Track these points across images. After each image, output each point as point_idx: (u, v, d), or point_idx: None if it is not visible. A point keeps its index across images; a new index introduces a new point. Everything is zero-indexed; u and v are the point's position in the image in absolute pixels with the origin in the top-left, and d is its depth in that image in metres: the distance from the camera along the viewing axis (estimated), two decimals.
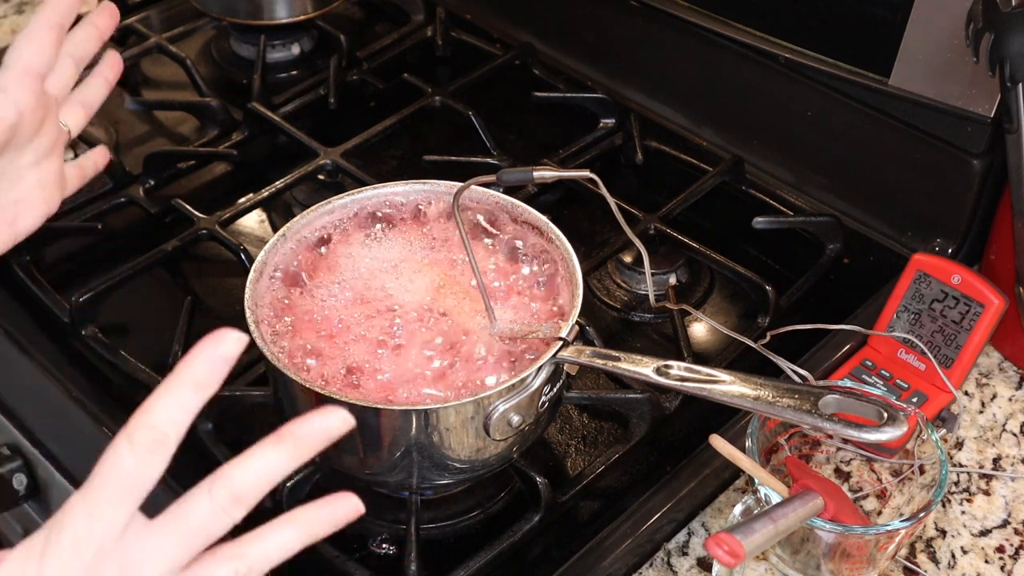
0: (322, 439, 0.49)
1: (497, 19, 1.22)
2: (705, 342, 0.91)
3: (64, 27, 0.70)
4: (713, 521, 0.78)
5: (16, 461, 0.85)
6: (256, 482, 0.48)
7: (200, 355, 0.47)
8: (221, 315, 0.93)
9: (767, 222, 0.98)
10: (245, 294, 0.71)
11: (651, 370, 0.68)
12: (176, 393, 0.47)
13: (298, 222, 0.77)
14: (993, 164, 0.90)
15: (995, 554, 0.76)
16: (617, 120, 1.09)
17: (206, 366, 0.47)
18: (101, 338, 0.87)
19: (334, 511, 0.50)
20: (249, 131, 1.07)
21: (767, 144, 1.04)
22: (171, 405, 0.47)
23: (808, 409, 0.63)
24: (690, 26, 1.04)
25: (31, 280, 0.91)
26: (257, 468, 0.48)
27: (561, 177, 0.77)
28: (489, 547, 0.73)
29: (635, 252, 0.94)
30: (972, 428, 0.84)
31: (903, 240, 0.97)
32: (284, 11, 1.17)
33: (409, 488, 0.74)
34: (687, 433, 0.82)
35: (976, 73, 0.85)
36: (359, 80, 1.14)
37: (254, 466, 0.48)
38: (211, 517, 0.48)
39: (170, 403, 0.47)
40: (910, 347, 0.85)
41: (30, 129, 0.69)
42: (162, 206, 0.99)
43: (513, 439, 0.70)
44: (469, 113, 1.06)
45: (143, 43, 1.17)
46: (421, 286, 0.75)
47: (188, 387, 0.47)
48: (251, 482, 0.48)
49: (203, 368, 0.47)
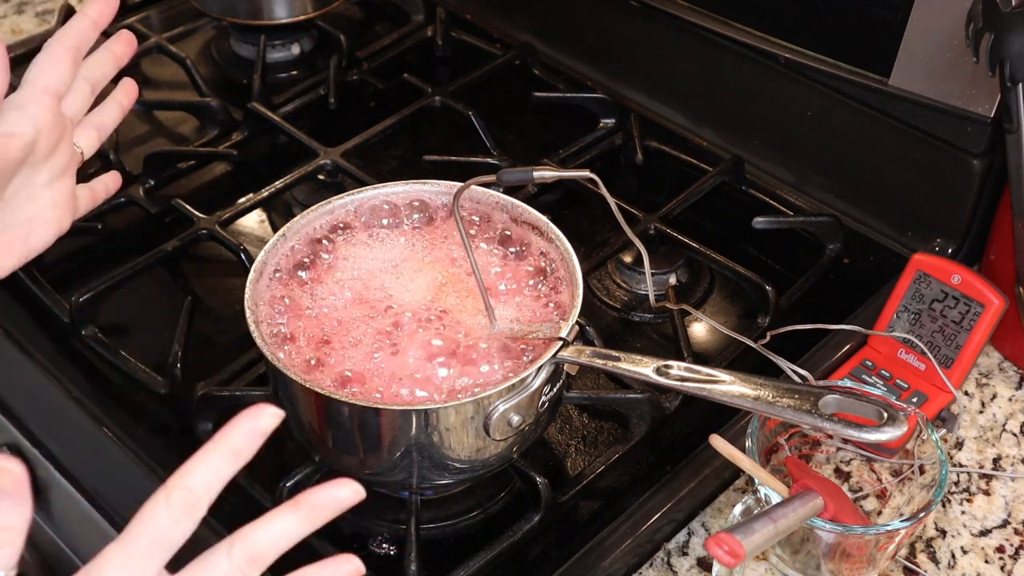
0: (336, 508, 0.52)
1: (497, 19, 1.22)
2: (705, 342, 0.91)
3: (82, 50, 0.72)
4: (713, 521, 0.78)
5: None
6: (273, 544, 0.51)
7: (239, 426, 0.51)
8: (221, 315, 0.93)
9: (767, 222, 0.98)
10: (245, 294, 0.71)
11: (651, 370, 0.68)
12: (214, 459, 0.50)
13: (298, 222, 0.77)
14: (993, 164, 0.90)
15: (995, 554, 0.76)
16: (617, 120, 1.09)
17: (243, 437, 0.50)
18: (101, 338, 0.87)
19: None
20: (249, 131, 1.07)
21: (767, 144, 1.04)
22: (208, 470, 0.50)
23: (808, 409, 0.63)
24: (690, 26, 1.04)
25: (31, 280, 0.91)
26: (275, 531, 0.51)
27: (561, 177, 0.77)
28: (489, 547, 0.73)
29: (635, 252, 0.94)
30: (972, 428, 0.84)
31: (903, 240, 0.97)
32: (284, 11, 1.17)
33: (409, 488, 0.74)
34: (687, 433, 0.82)
35: (976, 73, 0.85)
36: (359, 80, 1.14)
37: (272, 529, 0.51)
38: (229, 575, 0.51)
39: (207, 468, 0.50)
40: (910, 347, 0.85)
41: (47, 147, 0.70)
42: (162, 206, 0.99)
43: (513, 439, 0.70)
44: (469, 113, 1.06)
45: (143, 43, 1.17)
46: (421, 286, 0.75)
47: (226, 455, 0.50)
48: (269, 543, 0.51)
49: (240, 438, 0.50)
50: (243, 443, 0.50)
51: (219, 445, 0.50)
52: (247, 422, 0.51)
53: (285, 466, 0.77)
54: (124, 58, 0.78)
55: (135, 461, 0.79)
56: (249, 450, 0.51)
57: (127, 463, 0.79)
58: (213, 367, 0.83)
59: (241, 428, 0.50)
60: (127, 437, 0.81)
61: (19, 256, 0.73)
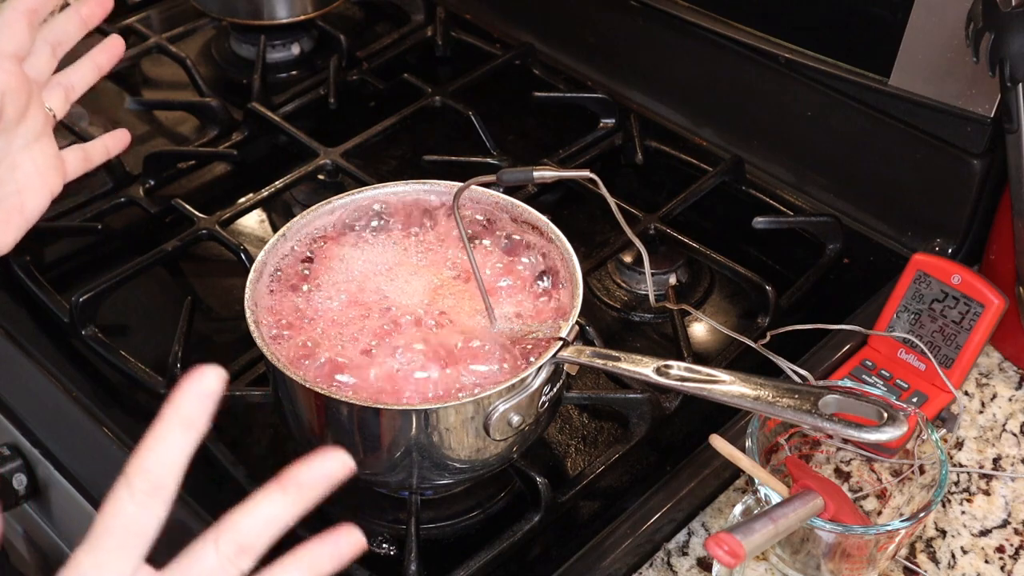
0: (325, 484, 0.49)
1: (497, 19, 1.22)
2: (705, 342, 0.91)
3: (38, 13, 0.70)
4: (713, 521, 0.78)
5: (16, 461, 0.85)
6: (262, 531, 0.48)
7: (183, 394, 0.48)
8: (221, 315, 0.93)
9: (767, 222, 0.98)
10: (245, 294, 0.71)
11: (651, 370, 0.68)
12: (168, 435, 0.47)
13: (298, 222, 0.77)
14: (993, 164, 0.90)
15: (995, 554, 0.76)
16: (617, 120, 1.09)
17: (191, 404, 0.48)
18: (101, 338, 0.87)
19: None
20: (249, 131, 1.07)
21: (767, 144, 1.04)
22: (164, 448, 0.47)
23: (808, 409, 0.63)
24: (690, 26, 1.04)
25: (31, 280, 0.91)
26: (262, 516, 0.48)
27: (561, 177, 0.77)
28: (489, 547, 0.73)
29: (635, 252, 0.94)
30: (972, 428, 0.84)
31: (903, 240, 0.97)
32: (284, 11, 1.17)
33: (409, 488, 0.74)
34: (687, 433, 0.82)
35: (976, 73, 0.85)
36: (359, 80, 1.14)
37: (259, 515, 0.48)
38: (218, 569, 0.48)
39: (163, 446, 0.47)
40: (910, 347, 0.85)
41: (16, 111, 0.69)
42: (162, 206, 0.99)
43: (513, 439, 0.70)
44: (469, 113, 1.06)
45: (143, 43, 1.17)
46: (420, 286, 0.75)
47: (177, 428, 0.48)
48: (257, 531, 0.48)
49: (189, 407, 0.48)
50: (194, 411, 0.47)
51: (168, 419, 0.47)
52: (191, 387, 0.47)
53: (285, 466, 0.77)
54: (93, 20, 0.75)
55: None
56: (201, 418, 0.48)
57: (127, 463, 0.79)
58: None
59: (187, 396, 0.47)
60: (127, 437, 0.81)
61: (18, 228, 0.72)
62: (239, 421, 0.83)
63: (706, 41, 1.04)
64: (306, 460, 0.49)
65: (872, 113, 0.95)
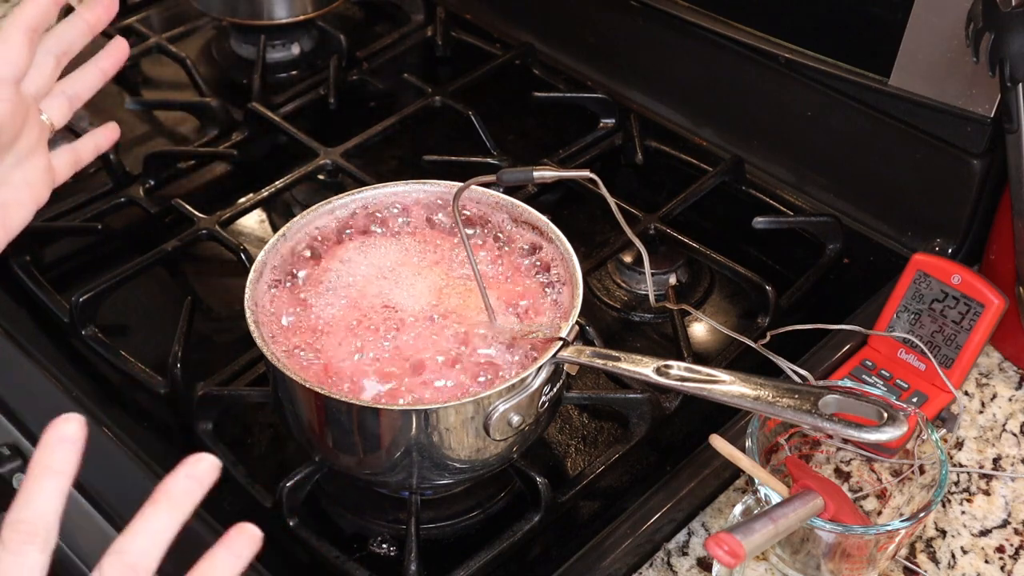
0: (197, 489, 0.50)
1: (497, 19, 1.22)
2: (705, 342, 0.91)
3: (39, 30, 0.69)
4: (713, 521, 0.78)
5: (16, 461, 0.85)
6: (148, 549, 0.49)
7: (47, 445, 0.49)
8: (221, 315, 0.93)
9: (767, 222, 0.98)
10: (245, 294, 0.71)
11: (651, 370, 0.68)
12: (38, 485, 0.49)
13: (298, 222, 0.77)
14: (993, 164, 0.90)
15: (995, 554, 0.76)
16: (617, 120, 1.09)
17: (57, 453, 0.49)
18: (101, 338, 0.87)
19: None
20: (249, 131, 1.07)
21: (767, 144, 1.04)
22: (36, 497, 0.49)
23: (808, 409, 0.63)
24: (690, 26, 1.04)
25: (31, 280, 0.91)
26: (147, 536, 0.49)
27: (561, 177, 0.77)
28: (489, 547, 0.73)
29: (635, 252, 0.94)
30: (972, 428, 0.84)
31: (903, 240, 0.97)
32: (284, 11, 1.17)
33: (409, 488, 0.74)
34: (687, 433, 0.82)
35: (976, 73, 0.85)
36: (359, 80, 1.14)
37: (141, 534, 0.49)
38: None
39: (35, 495, 0.49)
40: (910, 347, 0.85)
41: (9, 135, 0.69)
42: (162, 206, 0.99)
43: (513, 439, 0.70)
44: (469, 113, 1.06)
45: (143, 43, 1.17)
46: (422, 286, 0.75)
47: (46, 477, 0.49)
48: (143, 550, 0.49)
49: (54, 456, 0.49)
50: (61, 459, 0.49)
51: (37, 470, 0.49)
52: (53, 435, 0.49)
53: (285, 466, 0.77)
54: (98, 26, 0.74)
55: (135, 461, 0.79)
56: (69, 464, 0.49)
57: (127, 463, 0.79)
58: (213, 367, 0.83)
59: (51, 445, 0.49)
60: (127, 437, 0.81)
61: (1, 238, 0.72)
62: (239, 421, 0.83)
63: (706, 41, 1.04)
64: (174, 470, 0.50)
65: (872, 113, 0.95)
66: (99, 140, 0.79)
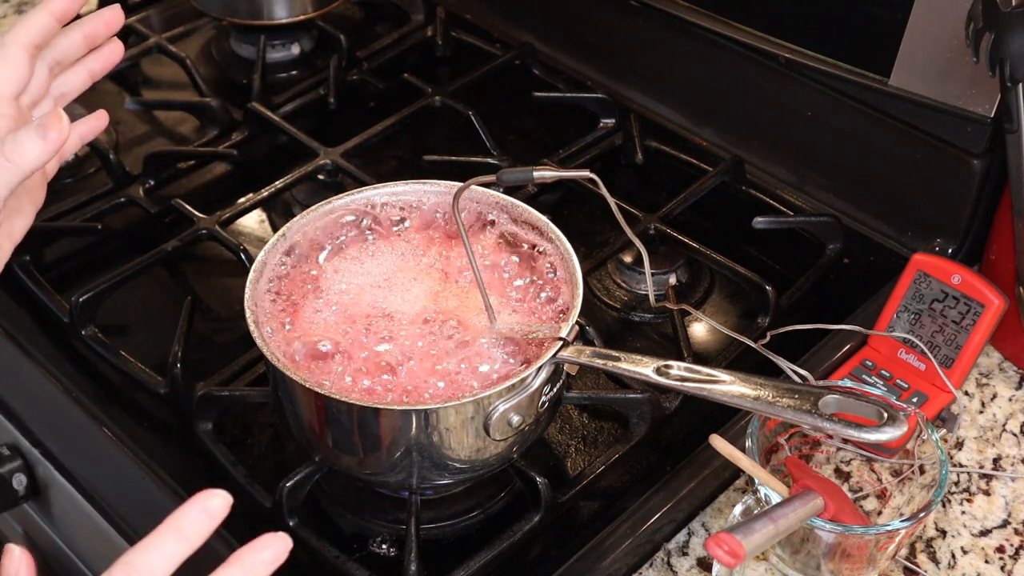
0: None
1: (497, 19, 1.22)
2: (705, 342, 0.91)
3: (39, 45, 0.70)
4: (713, 521, 0.78)
5: (16, 461, 0.85)
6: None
7: (189, 509, 0.51)
8: (221, 315, 0.93)
9: (767, 222, 0.98)
10: (245, 294, 0.71)
11: (651, 370, 0.68)
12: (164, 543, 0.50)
13: (298, 222, 0.77)
14: (993, 164, 0.90)
15: (995, 554, 0.76)
16: (617, 120, 1.09)
17: (193, 520, 0.51)
18: (101, 338, 0.87)
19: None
20: (249, 131, 1.07)
21: (767, 144, 1.04)
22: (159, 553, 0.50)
23: (808, 409, 0.63)
24: (690, 26, 1.04)
25: (31, 280, 0.91)
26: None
27: (561, 177, 0.77)
28: (489, 547, 0.73)
29: (635, 252, 0.94)
30: (972, 428, 0.84)
31: (903, 240, 0.97)
32: (284, 11, 1.17)
33: (409, 488, 0.74)
34: (687, 433, 0.82)
35: (976, 73, 0.85)
36: (359, 80, 1.14)
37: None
38: None
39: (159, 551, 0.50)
40: (910, 347, 0.85)
41: None
42: (162, 206, 0.99)
43: (513, 439, 0.70)
44: (469, 113, 1.06)
45: (143, 43, 1.17)
46: (420, 287, 0.75)
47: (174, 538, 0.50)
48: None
49: (190, 522, 0.51)
50: (192, 527, 0.50)
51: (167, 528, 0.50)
52: (197, 504, 0.51)
53: (285, 466, 0.77)
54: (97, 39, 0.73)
55: (135, 461, 0.79)
56: (202, 535, 0.50)
57: (127, 463, 0.79)
58: (213, 367, 0.83)
59: (192, 511, 0.50)
60: (127, 437, 0.81)
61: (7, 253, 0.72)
62: (239, 421, 0.83)
63: (706, 41, 1.04)
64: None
65: (872, 113, 0.95)
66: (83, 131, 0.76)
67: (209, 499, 0.51)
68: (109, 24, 0.73)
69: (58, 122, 0.63)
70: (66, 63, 0.73)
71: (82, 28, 0.73)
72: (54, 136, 0.62)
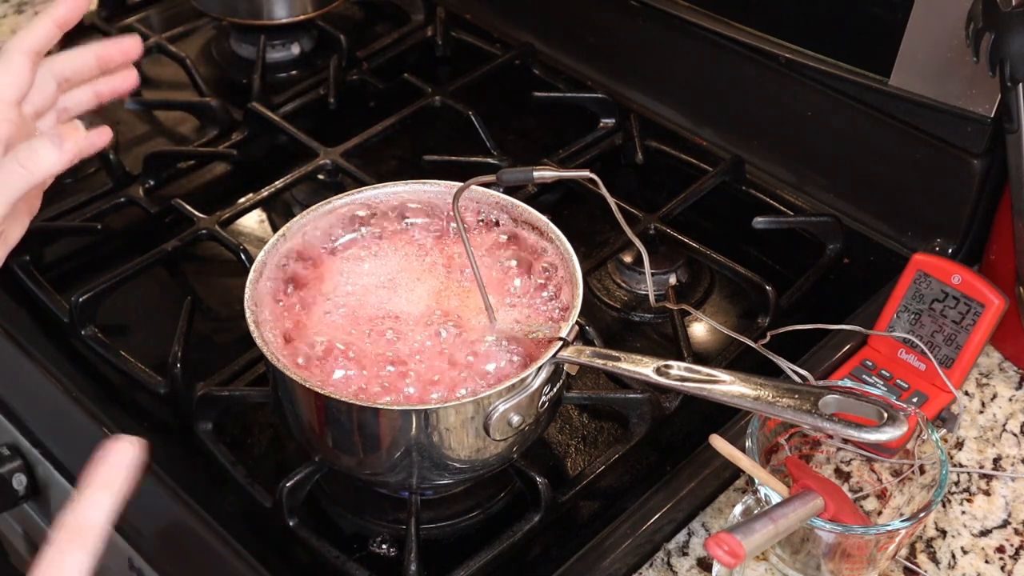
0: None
1: (497, 19, 1.22)
2: (705, 342, 0.91)
3: (40, 52, 0.70)
4: (713, 521, 0.78)
5: (16, 461, 0.85)
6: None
7: None
8: (221, 315, 0.93)
9: (767, 222, 0.98)
10: (245, 294, 0.71)
11: (651, 370, 0.68)
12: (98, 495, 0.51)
13: (298, 222, 0.77)
14: (993, 164, 0.90)
15: (995, 554, 0.76)
16: (617, 120, 1.09)
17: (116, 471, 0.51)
18: (101, 338, 0.87)
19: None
20: (249, 131, 1.07)
21: (767, 144, 1.04)
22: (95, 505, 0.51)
23: (808, 409, 0.63)
24: (690, 26, 1.04)
25: (31, 280, 0.91)
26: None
27: (561, 177, 0.77)
28: (489, 547, 0.73)
29: (635, 252, 0.94)
30: (972, 428, 0.84)
31: (903, 240, 0.97)
32: (284, 11, 1.17)
33: (409, 488, 0.74)
34: (687, 433, 0.82)
35: (976, 73, 0.85)
36: (359, 80, 1.14)
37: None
38: None
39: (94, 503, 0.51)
40: (910, 347, 0.85)
41: None
42: (162, 206, 0.99)
43: (513, 439, 0.70)
44: (469, 113, 1.06)
45: (143, 43, 1.16)
46: (421, 288, 0.75)
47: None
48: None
49: None
50: None
51: None
52: None
53: (285, 466, 0.77)
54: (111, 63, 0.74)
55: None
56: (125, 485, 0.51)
57: None
58: (213, 367, 0.83)
59: None
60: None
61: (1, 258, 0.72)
62: (239, 421, 0.83)
63: (706, 41, 1.04)
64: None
65: (872, 113, 0.95)
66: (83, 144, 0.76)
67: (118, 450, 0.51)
68: (125, 52, 0.75)
69: (75, 132, 0.64)
70: (75, 81, 0.74)
71: (96, 50, 0.74)
72: (70, 146, 0.63)
